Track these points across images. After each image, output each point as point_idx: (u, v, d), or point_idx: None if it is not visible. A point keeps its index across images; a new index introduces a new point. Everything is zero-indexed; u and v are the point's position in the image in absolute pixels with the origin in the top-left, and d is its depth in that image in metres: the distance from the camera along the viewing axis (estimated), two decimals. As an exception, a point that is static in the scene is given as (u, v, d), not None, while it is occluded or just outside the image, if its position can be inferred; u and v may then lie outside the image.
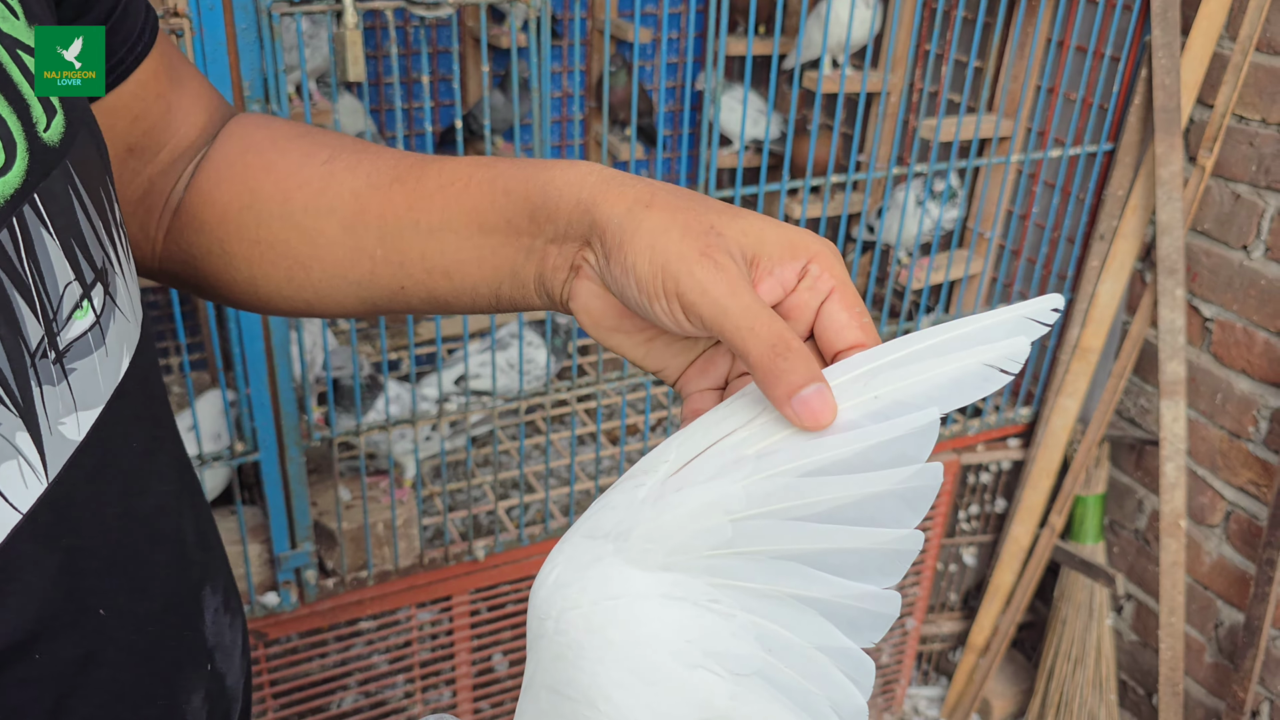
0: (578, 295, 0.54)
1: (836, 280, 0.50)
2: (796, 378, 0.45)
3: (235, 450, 1.47)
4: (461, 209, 0.56)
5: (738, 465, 0.46)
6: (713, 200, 0.51)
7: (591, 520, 0.48)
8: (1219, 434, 1.95)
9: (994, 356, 0.46)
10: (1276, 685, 1.93)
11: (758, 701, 0.45)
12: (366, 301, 0.61)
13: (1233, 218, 1.85)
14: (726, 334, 0.47)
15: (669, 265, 0.48)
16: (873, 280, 2.04)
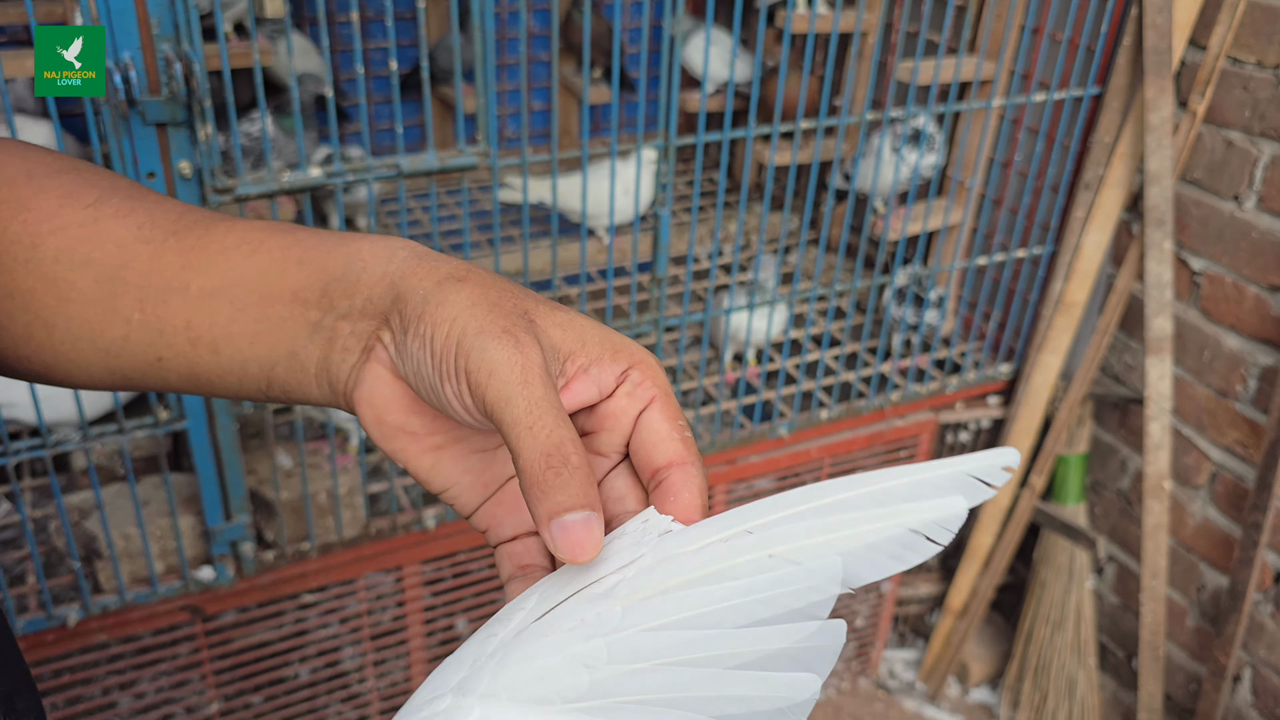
0: (364, 381, 0.46)
1: (659, 389, 0.44)
2: (565, 498, 0.39)
3: (159, 419, 1.37)
4: (244, 274, 0.48)
5: (600, 619, 0.39)
6: (535, 293, 0.45)
7: (436, 678, 0.42)
8: (1206, 392, 1.87)
9: (921, 521, 0.38)
10: (1259, 650, 1.87)
11: None
12: (116, 373, 0.52)
13: (1224, 166, 1.75)
14: (504, 428, 0.40)
15: (465, 338, 0.41)
16: (847, 230, 1.94)
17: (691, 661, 0.38)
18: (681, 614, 0.38)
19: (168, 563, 1.50)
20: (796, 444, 1.93)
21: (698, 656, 0.38)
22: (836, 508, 0.39)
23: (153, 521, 1.47)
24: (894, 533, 0.38)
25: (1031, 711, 2.16)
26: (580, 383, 0.43)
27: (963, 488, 0.38)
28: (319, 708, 1.77)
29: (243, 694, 1.66)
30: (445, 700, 0.39)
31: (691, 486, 0.42)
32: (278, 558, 1.54)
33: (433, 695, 0.40)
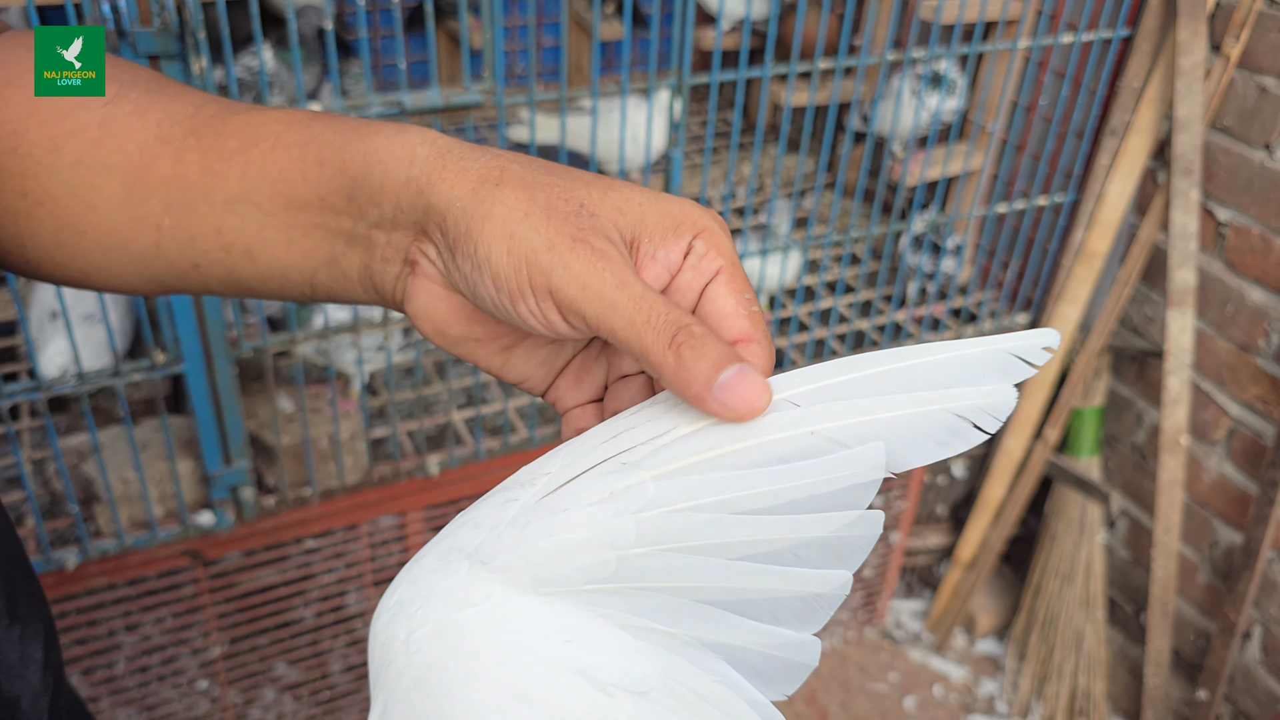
0: (414, 297, 0.44)
1: (725, 259, 0.42)
2: (708, 365, 0.37)
3: (156, 361, 1.34)
4: (266, 177, 0.45)
5: (630, 492, 0.37)
6: (577, 171, 0.42)
7: (448, 539, 0.39)
8: (1227, 346, 1.83)
9: (968, 405, 0.37)
10: (1270, 608, 1.85)
11: (662, 714, 0.37)
12: (154, 280, 0.49)
13: (1256, 113, 1.69)
14: (618, 333, 0.38)
15: (535, 257, 0.39)
16: (864, 174, 1.89)
17: (723, 547, 0.36)
18: (716, 495, 0.36)
19: (167, 507, 1.48)
20: (807, 393, 1.89)
21: (730, 541, 0.36)
22: (880, 382, 0.37)
23: (151, 465, 1.45)
24: (940, 417, 0.36)
25: (1038, 663, 2.15)
26: (649, 270, 0.41)
27: (1004, 366, 0.37)
28: (322, 651, 1.76)
29: (246, 637, 1.66)
30: (462, 567, 0.38)
31: (756, 366, 0.40)
32: (279, 503, 1.52)
33: (447, 552, 0.39)
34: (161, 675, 1.64)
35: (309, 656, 1.75)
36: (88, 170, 0.47)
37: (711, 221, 0.42)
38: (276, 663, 1.72)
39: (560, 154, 1.52)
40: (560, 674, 0.36)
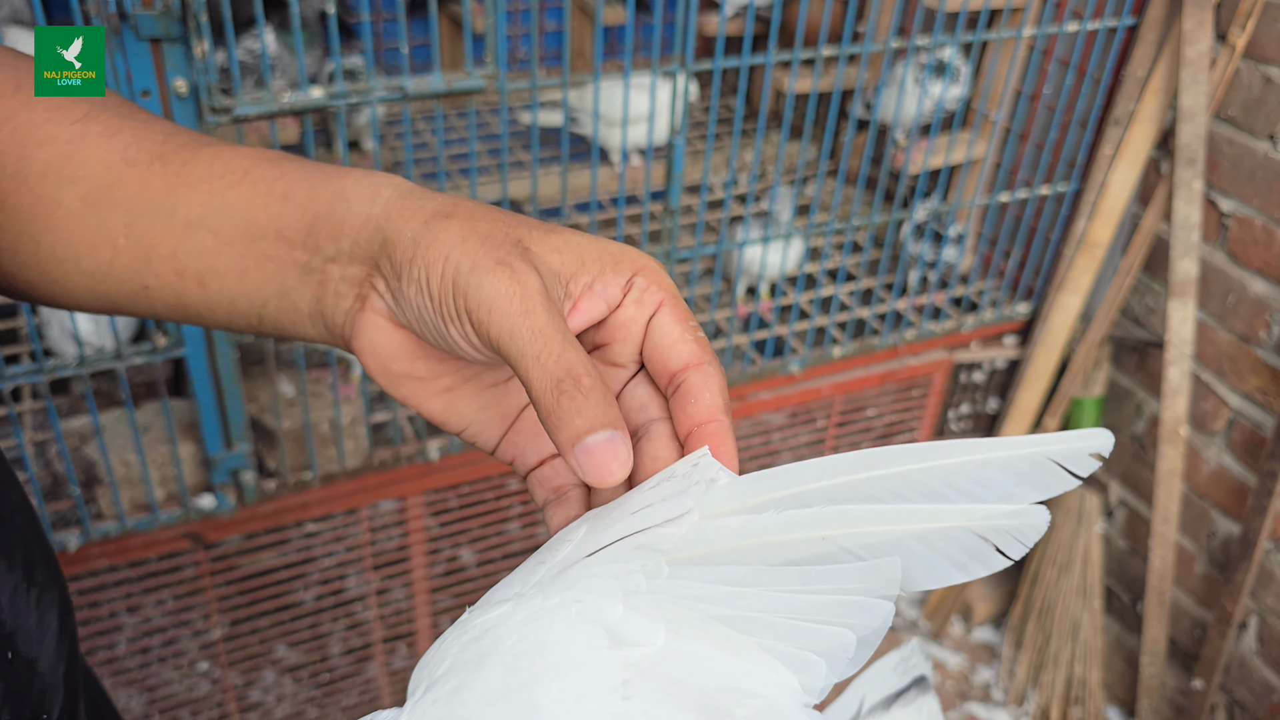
0: (362, 332, 0.45)
1: (666, 293, 0.43)
2: (583, 421, 0.38)
3: (158, 345, 1.34)
4: (228, 205, 0.46)
5: (647, 571, 0.37)
6: (527, 218, 0.43)
7: (485, 600, 0.41)
8: (1228, 337, 1.83)
9: (993, 526, 0.34)
10: (1267, 599, 1.86)
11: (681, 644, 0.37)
12: (102, 297, 0.50)
13: (1261, 104, 1.69)
14: (511, 360, 0.39)
15: (459, 277, 0.40)
16: (867, 162, 1.89)
17: (734, 619, 0.37)
18: (725, 586, 0.36)
19: (168, 490, 1.48)
20: (808, 381, 1.90)
21: (739, 616, 0.36)
22: (900, 486, 0.36)
23: (153, 448, 1.45)
24: (961, 536, 0.35)
25: (1034, 652, 2.16)
26: (586, 301, 0.42)
27: (1044, 473, 0.35)
28: (322, 634, 1.77)
29: (246, 620, 1.66)
30: (496, 610, 0.39)
31: (711, 386, 0.41)
32: (279, 487, 1.53)
33: (483, 612, 0.40)
34: (162, 657, 1.65)
35: (309, 639, 1.76)
36: (53, 182, 0.48)
37: (650, 261, 0.43)
38: (276, 645, 1.73)
39: (563, 139, 1.52)
40: (575, 626, 0.37)
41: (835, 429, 1.99)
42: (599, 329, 0.44)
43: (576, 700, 0.36)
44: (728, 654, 0.36)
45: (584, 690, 0.36)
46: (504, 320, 0.39)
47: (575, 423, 0.38)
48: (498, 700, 0.37)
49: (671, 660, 0.36)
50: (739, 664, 0.36)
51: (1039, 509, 0.34)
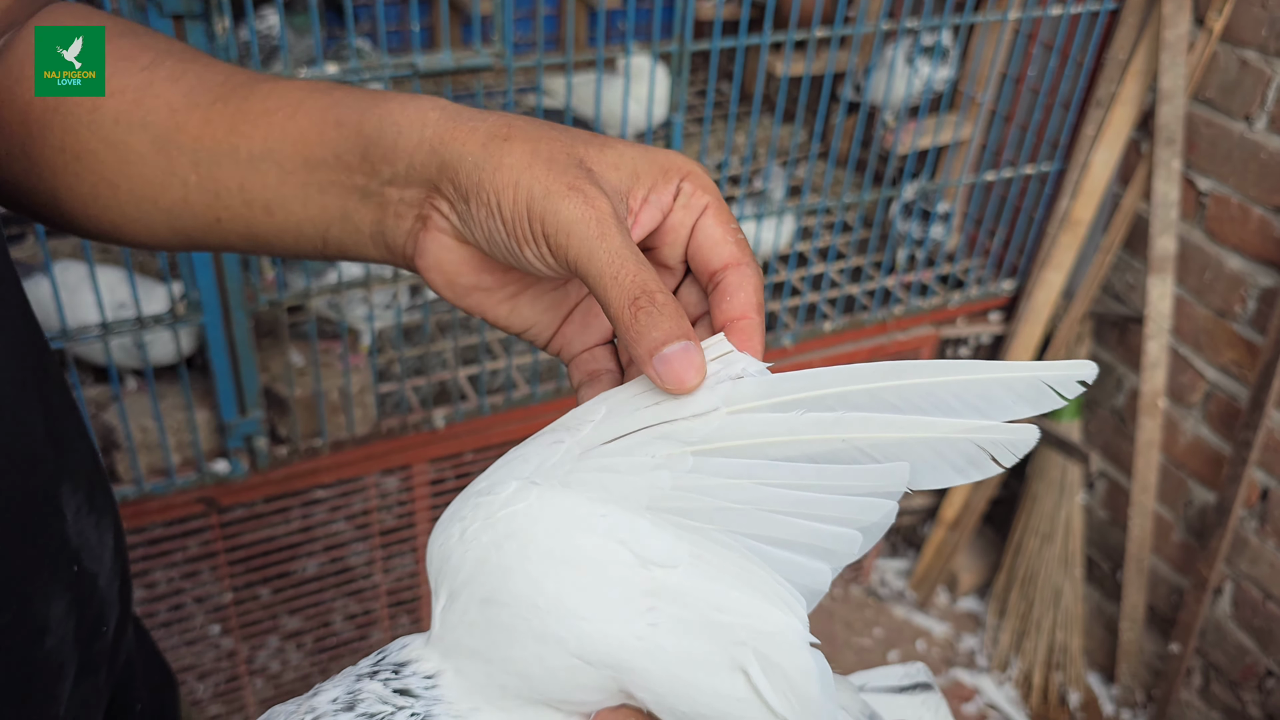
0: (427, 250, 0.48)
1: (710, 196, 0.46)
2: (659, 334, 0.41)
3: (177, 314, 1.39)
4: (286, 137, 0.50)
5: (671, 460, 0.40)
6: (576, 130, 0.47)
7: (498, 470, 0.44)
8: (1205, 313, 1.89)
9: (991, 439, 0.40)
10: (1241, 564, 1.93)
11: (701, 576, 0.40)
12: (180, 232, 0.54)
13: (1238, 86, 1.75)
14: (590, 280, 0.42)
15: (533, 202, 0.43)
16: (857, 144, 1.94)
17: (749, 511, 0.40)
18: (748, 478, 0.40)
19: (184, 455, 1.53)
20: (799, 354, 1.95)
21: (757, 501, 0.40)
22: (911, 396, 0.40)
23: (169, 415, 1.50)
24: (963, 446, 0.39)
25: (1017, 619, 2.23)
26: (645, 213, 0.45)
27: (1037, 393, 0.40)
28: (327, 600, 1.82)
29: (253, 585, 1.71)
30: (511, 485, 0.42)
31: (747, 286, 0.44)
32: (291, 453, 1.58)
33: (496, 480, 0.42)
34: (175, 619, 1.70)
35: (314, 605, 1.81)
36: (124, 128, 0.51)
37: (695, 166, 0.47)
38: (285, 609, 1.78)
39: (566, 117, 1.57)
40: (604, 542, 0.40)
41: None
42: (652, 234, 0.47)
43: (606, 623, 0.39)
44: (742, 585, 0.40)
45: (613, 614, 0.39)
46: (582, 244, 0.42)
47: (652, 335, 0.41)
48: (529, 617, 0.40)
49: (693, 589, 0.40)
50: (752, 601, 0.40)
51: (1031, 427, 0.39)
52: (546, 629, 0.40)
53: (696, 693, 0.39)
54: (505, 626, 0.40)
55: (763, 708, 0.39)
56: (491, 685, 0.41)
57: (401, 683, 0.42)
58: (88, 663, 0.56)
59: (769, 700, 0.39)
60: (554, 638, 0.39)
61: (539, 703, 0.41)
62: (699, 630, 0.40)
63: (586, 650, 0.39)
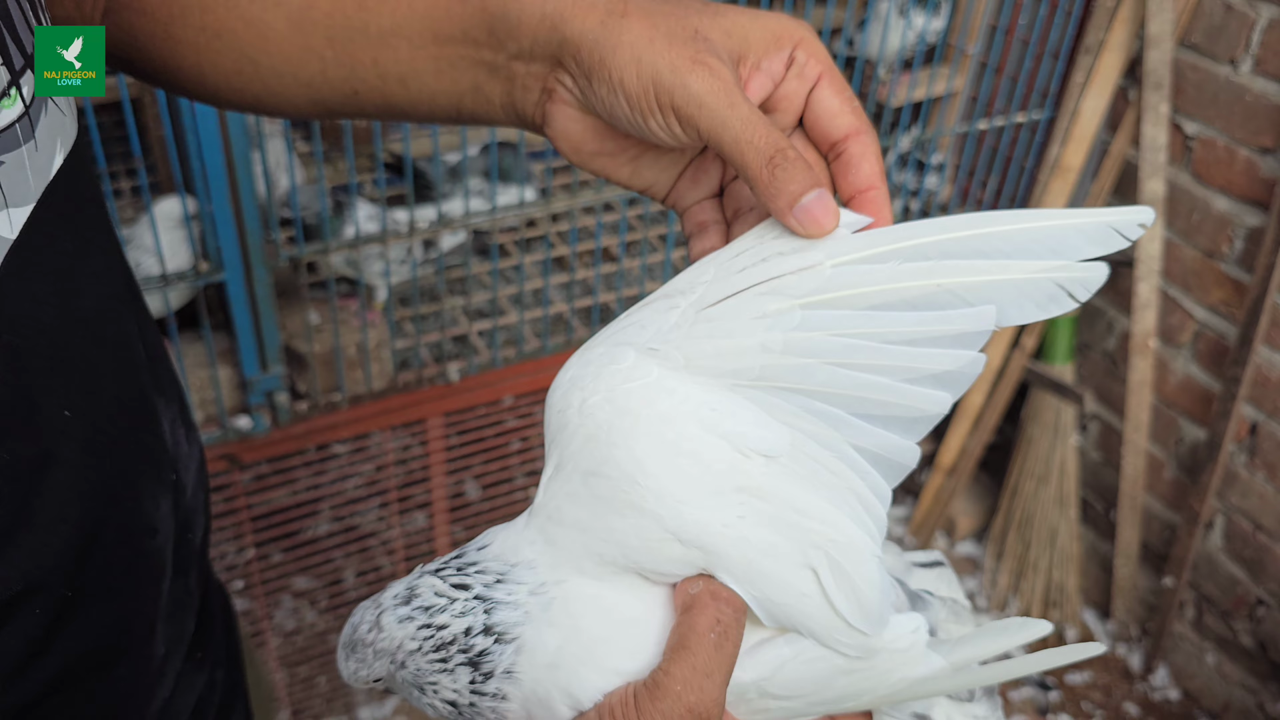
0: (554, 120, 0.51)
1: (823, 65, 0.48)
2: (795, 186, 0.44)
3: (200, 270, 1.42)
4: (414, 13, 0.53)
5: (781, 315, 0.44)
6: (692, 1, 0.49)
7: (616, 334, 0.47)
8: (1193, 254, 1.95)
9: (1067, 277, 0.44)
10: (1231, 498, 1.99)
11: (790, 478, 0.44)
12: (318, 104, 0.57)
13: (1223, 30, 1.80)
14: (724, 147, 0.46)
15: (660, 78, 0.46)
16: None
17: (856, 366, 0.44)
18: (855, 327, 0.44)
19: (207, 412, 1.56)
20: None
21: (863, 363, 0.44)
22: (997, 241, 0.44)
23: (193, 373, 1.52)
24: (1043, 285, 0.44)
25: (1014, 560, 2.29)
26: (755, 80, 0.48)
27: (1103, 236, 0.44)
28: (351, 553, 1.86)
29: (275, 540, 1.75)
30: (629, 354, 0.45)
31: (869, 155, 0.47)
32: (310, 408, 1.61)
33: (615, 345, 0.46)
34: (199, 577, 1.73)
35: (325, 563, 1.85)
36: (260, 6, 0.55)
37: (807, 32, 0.49)
38: (302, 565, 1.82)
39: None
40: (706, 433, 0.44)
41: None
42: (764, 101, 0.49)
43: (699, 509, 0.43)
44: (828, 492, 0.45)
45: (707, 502, 0.43)
46: (714, 114, 0.45)
47: (790, 189, 0.44)
48: (629, 491, 0.43)
49: (781, 490, 0.44)
50: (831, 511, 0.45)
51: (1102, 265, 0.44)
52: (645, 504, 0.43)
53: (769, 582, 0.44)
54: (606, 498, 0.44)
55: (826, 605, 0.44)
56: (586, 555, 0.45)
57: (461, 579, 0.45)
58: (180, 564, 0.59)
59: (833, 599, 0.43)
60: (652, 513, 0.43)
61: (630, 571, 0.45)
62: (780, 528, 0.44)
63: (679, 529, 0.43)
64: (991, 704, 0.54)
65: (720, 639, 0.42)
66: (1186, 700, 2.15)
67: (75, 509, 0.48)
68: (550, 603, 0.44)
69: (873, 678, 0.46)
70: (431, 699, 0.45)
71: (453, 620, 0.44)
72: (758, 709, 0.45)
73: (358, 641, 0.45)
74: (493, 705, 0.44)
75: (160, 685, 0.58)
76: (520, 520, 0.48)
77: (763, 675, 0.44)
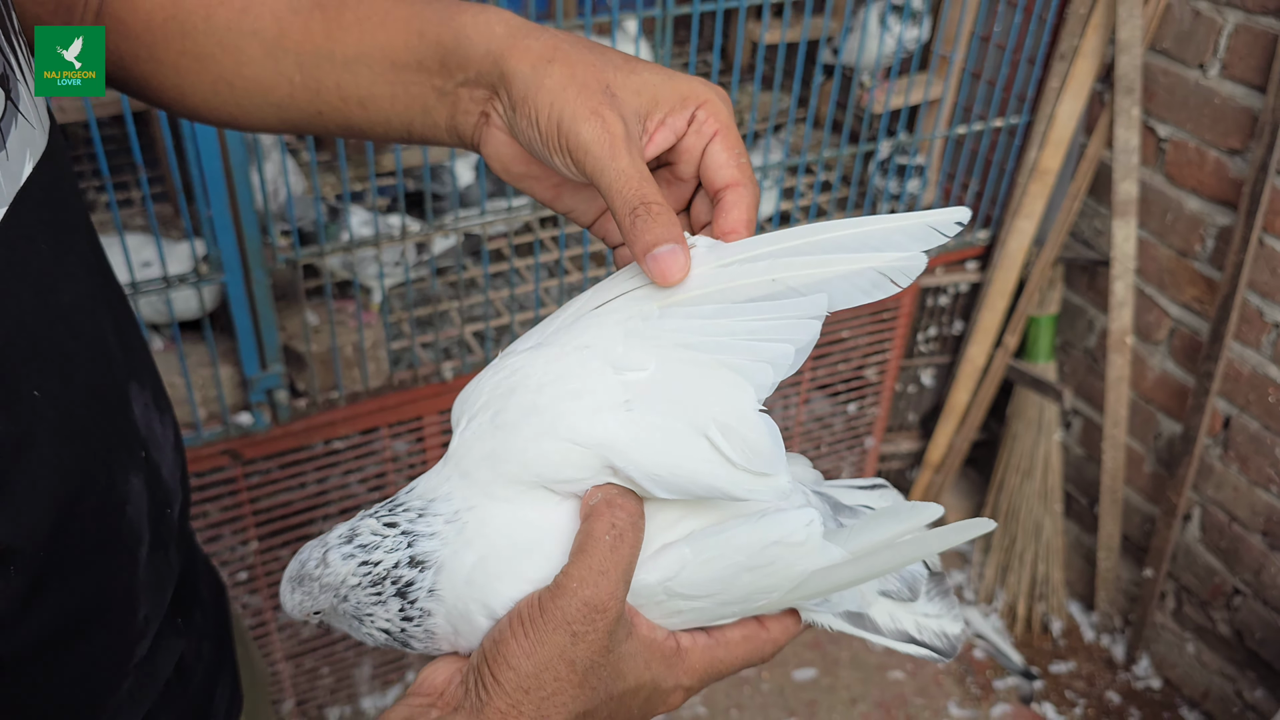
0: (488, 142, 0.58)
1: (721, 124, 0.55)
2: (651, 237, 0.51)
3: (200, 273, 1.49)
4: (376, 44, 0.59)
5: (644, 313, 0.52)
6: (614, 54, 0.55)
7: (515, 345, 0.56)
8: (1168, 253, 2.00)
9: (888, 265, 0.50)
10: (1207, 490, 2.04)
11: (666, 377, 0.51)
12: (287, 122, 0.64)
13: (1191, 35, 1.85)
14: (600, 190, 0.52)
15: (563, 121, 0.52)
16: (832, 106, 2.04)
17: (703, 344, 0.51)
18: (705, 320, 0.51)
19: (209, 410, 1.63)
20: (786, 305, 2.05)
21: (710, 341, 0.51)
22: (827, 245, 0.51)
23: (195, 371, 1.60)
24: (867, 274, 0.50)
25: (1001, 553, 2.35)
26: (660, 134, 0.55)
27: (923, 235, 0.51)
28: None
29: (277, 534, 1.82)
30: (519, 347, 0.54)
31: (741, 204, 0.54)
32: (309, 405, 1.68)
33: (507, 353, 0.55)
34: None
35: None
36: (236, 34, 0.61)
37: (713, 94, 0.55)
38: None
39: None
40: (587, 358, 0.51)
41: (813, 350, 2.16)
42: (669, 151, 0.56)
43: (592, 412, 0.50)
44: (701, 376, 0.50)
45: (596, 405, 0.50)
46: (596, 161, 0.52)
47: (645, 238, 0.51)
48: (529, 417, 0.50)
49: (661, 382, 0.50)
50: (710, 383, 0.50)
51: (918, 254, 0.50)
52: (544, 423, 0.50)
53: (670, 458, 0.49)
54: (511, 424, 0.51)
55: (724, 461, 0.49)
56: (496, 480, 0.51)
57: (392, 516, 0.52)
58: (157, 537, 0.65)
59: (728, 454, 0.49)
60: (550, 429, 0.50)
61: (538, 487, 0.50)
62: (667, 410, 0.50)
63: (577, 434, 0.50)
64: (946, 603, 0.59)
65: (615, 541, 0.48)
66: (1168, 689, 2.20)
67: (50, 484, 0.53)
68: (464, 527, 0.50)
69: (775, 573, 0.51)
70: (369, 628, 0.51)
71: (384, 556, 0.50)
72: (670, 611, 0.51)
73: (305, 576, 0.51)
74: (421, 626, 0.50)
75: (139, 645, 0.64)
76: (439, 463, 0.54)
77: (667, 576, 0.50)
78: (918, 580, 0.59)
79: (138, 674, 0.64)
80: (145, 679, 0.65)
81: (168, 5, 0.62)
